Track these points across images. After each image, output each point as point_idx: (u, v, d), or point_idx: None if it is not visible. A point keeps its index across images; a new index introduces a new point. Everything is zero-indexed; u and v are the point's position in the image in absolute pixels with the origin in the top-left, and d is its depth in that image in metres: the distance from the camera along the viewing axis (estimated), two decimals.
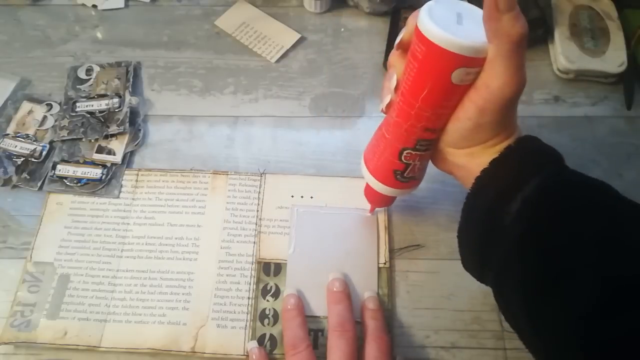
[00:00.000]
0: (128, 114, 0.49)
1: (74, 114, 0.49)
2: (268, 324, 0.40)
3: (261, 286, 0.42)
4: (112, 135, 0.48)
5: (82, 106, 0.50)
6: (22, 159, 0.47)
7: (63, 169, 0.47)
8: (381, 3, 0.55)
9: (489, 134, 0.31)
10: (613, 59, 0.51)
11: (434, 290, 0.42)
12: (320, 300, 0.41)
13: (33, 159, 0.47)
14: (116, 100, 0.50)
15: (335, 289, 0.40)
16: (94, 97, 0.50)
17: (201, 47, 0.55)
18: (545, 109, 0.51)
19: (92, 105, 0.50)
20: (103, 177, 0.46)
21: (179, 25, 0.57)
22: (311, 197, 0.46)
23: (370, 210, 0.43)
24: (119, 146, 0.48)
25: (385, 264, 0.43)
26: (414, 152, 0.34)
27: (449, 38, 0.27)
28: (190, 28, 0.56)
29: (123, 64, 0.53)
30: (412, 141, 0.33)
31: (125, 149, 0.48)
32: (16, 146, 0.48)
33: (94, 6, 0.58)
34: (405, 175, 0.35)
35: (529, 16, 0.51)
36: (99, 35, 0.56)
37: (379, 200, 0.41)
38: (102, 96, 0.50)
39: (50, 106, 0.50)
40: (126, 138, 0.49)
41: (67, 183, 0.46)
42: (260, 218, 0.45)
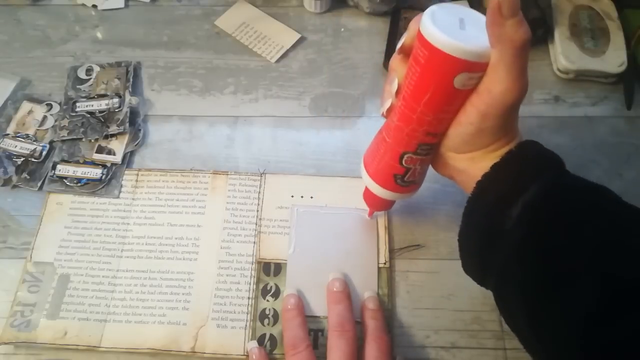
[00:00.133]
0: (128, 114, 0.49)
1: (74, 114, 0.49)
2: (268, 324, 0.40)
3: (261, 286, 0.42)
4: (112, 135, 0.48)
5: (82, 106, 0.50)
6: (22, 159, 0.47)
7: (63, 169, 0.47)
8: (381, 3, 0.55)
9: (490, 139, 0.31)
10: (613, 59, 0.51)
11: (434, 290, 0.42)
12: (320, 300, 0.41)
13: (33, 159, 0.47)
14: (116, 100, 0.50)
15: (335, 289, 0.40)
16: (94, 97, 0.50)
17: (201, 47, 0.55)
18: (545, 109, 0.51)
19: (92, 105, 0.50)
20: (103, 177, 0.46)
21: (179, 25, 0.57)
22: (311, 197, 0.46)
23: (369, 214, 0.43)
24: (119, 146, 0.48)
25: (385, 264, 0.43)
26: (415, 156, 0.34)
27: (452, 43, 0.27)
28: (190, 28, 0.56)
29: (123, 64, 0.53)
30: (414, 145, 0.33)
31: (125, 149, 0.48)
32: (16, 146, 0.48)
33: (94, 6, 0.58)
34: (405, 179, 0.35)
35: (529, 16, 0.51)
36: (99, 35, 0.56)
37: (378, 204, 0.40)
38: (102, 96, 0.50)
39: (50, 106, 0.50)
40: (126, 138, 0.49)
41: (67, 183, 0.46)
42: (260, 218, 0.45)
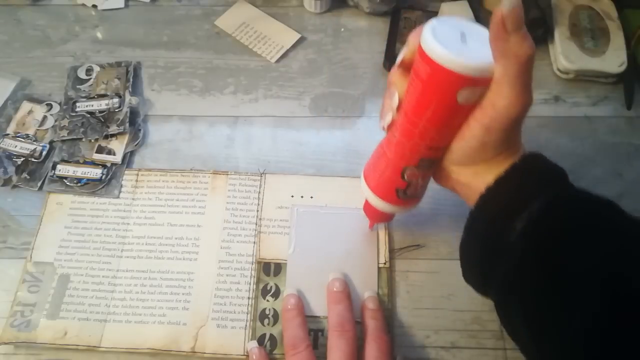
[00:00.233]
0: (128, 114, 0.49)
1: (74, 114, 0.49)
2: (268, 324, 0.40)
3: (261, 286, 0.42)
4: (112, 135, 0.48)
5: (82, 106, 0.50)
6: (22, 159, 0.47)
7: (63, 169, 0.47)
8: (381, 3, 0.55)
9: (493, 152, 0.31)
10: (613, 59, 0.51)
11: (434, 290, 0.42)
12: (320, 300, 0.41)
13: (33, 159, 0.47)
14: (116, 100, 0.50)
15: (336, 289, 0.40)
16: (94, 97, 0.50)
17: (201, 47, 0.55)
18: (545, 109, 0.51)
19: (92, 105, 0.50)
20: (103, 177, 0.46)
21: (179, 25, 0.57)
22: (311, 197, 0.46)
23: (370, 225, 0.43)
24: (119, 146, 0.48)
25: (385, 264, 0.43)
26: (416, 171, 0.33)
27: (454, 59, 0.26)
28: (190, 28, 0.56)
29: (123, 64, 0.53)
30: (415, 160, 0.33)
31: (125, 149, 0.48)
32: (16, 146, 0.48)
33: (94, 6, 0.58)
34: (407, 193, 0.35)
35: (529, 16, 0.51)
36: (99, 35, 0.56)
37: (379, 217, 0.40)
38: (102, 96, 0.50)
39: (50, 106, 0.50)
40: (126, 138, 0.49)
41: (67, 183, 0.46)
42: (260, 218, 0.45)
